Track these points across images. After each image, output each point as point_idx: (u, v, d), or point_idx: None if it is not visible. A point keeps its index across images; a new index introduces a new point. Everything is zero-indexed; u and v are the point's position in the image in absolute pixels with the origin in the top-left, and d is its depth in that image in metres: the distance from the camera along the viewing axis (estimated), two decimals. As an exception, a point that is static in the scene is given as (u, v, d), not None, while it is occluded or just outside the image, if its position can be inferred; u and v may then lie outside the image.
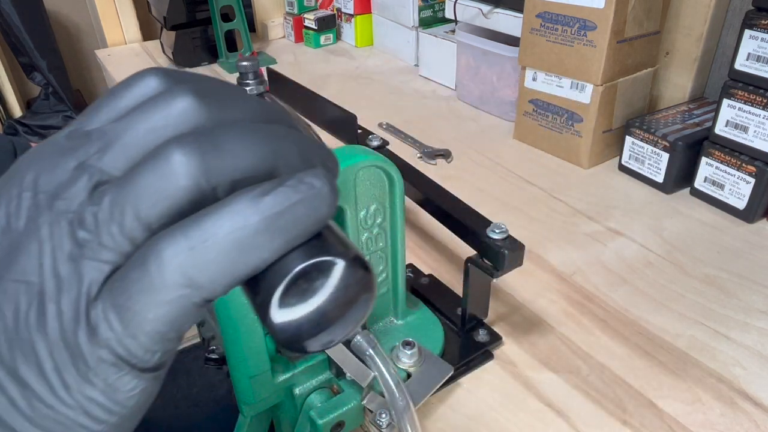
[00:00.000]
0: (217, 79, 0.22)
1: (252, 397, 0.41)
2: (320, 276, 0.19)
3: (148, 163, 0.17)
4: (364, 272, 0.19)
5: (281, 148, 0.19)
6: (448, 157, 0.79)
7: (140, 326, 0.17)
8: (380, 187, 0.40)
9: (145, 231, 0.17)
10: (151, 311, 0.17)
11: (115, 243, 0.17)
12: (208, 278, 0.17)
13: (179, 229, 0.17)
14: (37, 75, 1.97)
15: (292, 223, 0.18)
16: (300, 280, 0.18)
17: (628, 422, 0.42)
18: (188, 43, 1.16)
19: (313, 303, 0.19)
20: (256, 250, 0.17)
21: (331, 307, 0.19)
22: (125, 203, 0.17)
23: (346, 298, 0.19)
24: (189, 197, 0.17)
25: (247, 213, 0.17)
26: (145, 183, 0.17)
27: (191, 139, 0.18)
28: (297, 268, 0.18)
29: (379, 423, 0.38)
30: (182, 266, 0.17)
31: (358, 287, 0.19)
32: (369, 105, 0.98)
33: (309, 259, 0.18)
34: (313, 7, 1.32)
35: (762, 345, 0.48)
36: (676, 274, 0.56)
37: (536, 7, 0.74)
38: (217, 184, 0.18)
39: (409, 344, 0.42)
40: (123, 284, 0.17)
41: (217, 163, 0.18)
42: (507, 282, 0.55)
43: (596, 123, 0.73)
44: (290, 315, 0.18)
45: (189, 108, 0.19)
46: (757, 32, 0.58)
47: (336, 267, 0.19)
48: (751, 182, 0.62)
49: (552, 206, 0.68)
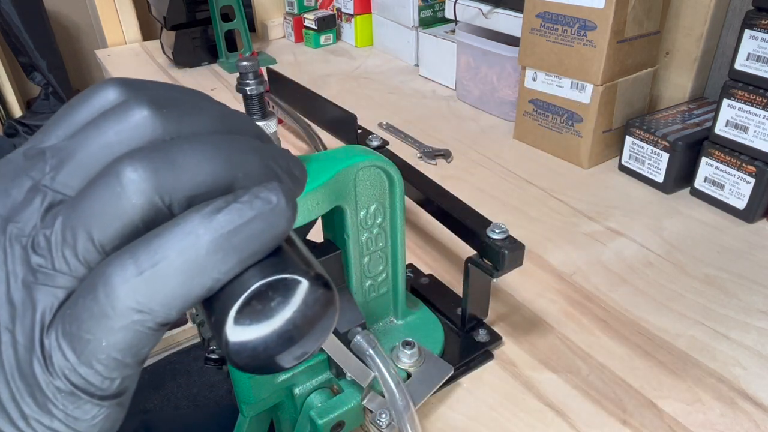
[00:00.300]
0: (180, 87, 0.21)
1: (252, 397, 0.41)
2: (277, 295, 0.18)
3: (99, 182, 0.17)
4: (324, 290, 0.19)
5: (241, 159, 0.18)
6: (448, 157, 0.79)
7: (94, 354, 0.16)
8: (380, 187, 0.40)
9: (99, 253, 0.17)
10: (104, 338, 0.16)
11: (69, 267, 0.17)
12: (160, 302, 0.16)
13: (128, 252, 0.16)
14: (37, 75, 1.97)
15: (246, 240, 0.17)
16: (254, 301, 0.17)
17: (628, 422, 0.42)
18: (188, 43, 1.16)
19: (268, 324, 0.18)
20: (210, 271, 0.17)
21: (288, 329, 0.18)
22: (77, 225, 0.17)
23: (304, 319, 0.18)
24: (143, 216, 0.17)
25: (198, 232, 0.16)
26: (96, 203, 0.17)
27: (143, 154, 0.17)
28: (252, 287, 0.17)
29: (379, 423, 0.38)
30: (132, 292, 0.16)
31: (318, 306, 0.18)
32: (369, 105, 0.98)
33: (265, 277, 0.17)
34: (313, 7, 1.32)
35: (762, 345, 0.48)
36: (676, 274, 0.56)
37: (536, 7, 0.74)
38: (172, 200, 0.17)
39: (409, 344, 0.42)
40: (74, 311, 0.16)
41: (170, 179, 0.17)
42: (507, 282, 0.55)
43: (596, 123, 0.73)
44: (244, 336, 0.17)
45: (144, 120, 0.18)
46: (757, 32, 0.58)
47: (294, 285, 0.18)
48: (751, 182, 0.62)
49: (552, 206, 0.68)
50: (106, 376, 0.17)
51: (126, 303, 0.16)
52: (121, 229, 0.17)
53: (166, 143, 0.18)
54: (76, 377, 0.17)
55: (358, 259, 0.42)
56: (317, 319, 0.19)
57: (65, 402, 0.17)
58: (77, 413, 0.17)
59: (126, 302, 0.16)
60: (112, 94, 0.19)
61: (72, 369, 0.17)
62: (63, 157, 0.18)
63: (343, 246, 0.41)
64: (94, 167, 0.18)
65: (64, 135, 0.19)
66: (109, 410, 0.18)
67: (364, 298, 0.44)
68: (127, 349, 0.17)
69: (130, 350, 0.17)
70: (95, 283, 0.16)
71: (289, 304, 0.18)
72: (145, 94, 0.19)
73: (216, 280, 0.17)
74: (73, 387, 0.17)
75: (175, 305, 0.17)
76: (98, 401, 0.17)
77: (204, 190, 0.18)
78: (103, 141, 0.18)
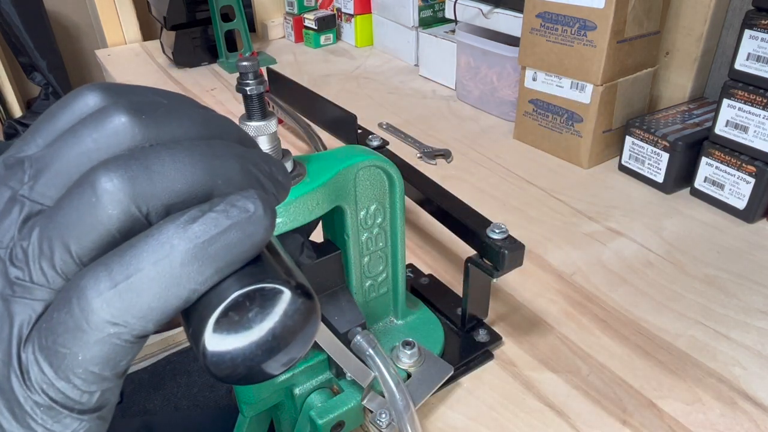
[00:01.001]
0: (164, 92, 0.20)
1: (252, 397, 0.41)
2: (255, 305, 0.17)
3: (75, 192, 0.17)
4: (305, 299, 0.18)
5: (221, 166, 0.18)
6: (448, 157, 0.79)
7: (71, 368, 0.16)
8: (380, 187, 0.40)
9: (77, 265, 0.17)
10: (80, 352, 0.16)
11: (47, 279, 0.17)
12: (136, 315, 0.16)
13: (102, 264, 0.16)
14: (37, 75, 1.97)
15: (222, 250, 0.17)
16: (232, 311, 0.17)
17: (628, 422, 0.42)
18: (188, 43, 1.16)
19: (247, 335, 0.17)
20: (185, 282, 0.16)
21: (267, 340, 0.18)
22: (53, 237, 0.16)
23: (284, 329, 0.18)
24: (119, 226, 0.17)
25: (173, 242, 0.16)
26: (72, 214, 0.16)
27: (119, 163, 0.17)
28: (230, 297, 0.17)
29: (379, 423, 0.38)
30: (107, 305, 0.16)
31: (298, 316, 0.18)
32: (369, 105, 0.98)
33: (243, 287, 0.17)
34: (313, 7, 1.32)
35: (762, 345, 0.48)
36: (676, 274, 0.56)
37: (536, 7, 0.74)
38: (150, 209, 0.17)
39: (409, 344, 0.42)
40: (50, 325, 0.16)
41: (147, 188, 0.17)
42: (507, 282, 0.55)
43: (596, 123, 0.73)
44: (221, 347, 0.17)
45: (123, 127, 0.18)
46: (757, 32, 0.58)
47: (274, 295, 0.17)
48: (751, 182, 0.62)
49: (552, 206, 0.68)
50: (84, 389, 0.17)
51: (101, 316, 0.16)
52: (97, 239, 0.17)
53: (144, 150, 0.17)
54: (54, 392, 0.16)
55: (358, 259, 0.42)
56: (298, 329, 0.18)
57: (44, 416, 0.17)
58: (57, 428, 0.17)
59: (101, 315, 0.16)
60: (92, 100, 0.19)
61: (49, 383, 0.16)
62: (41, 166, 0.18)
63: (343, 246, 0.41)
64: (72, 176, 0.17)
65: (44, 143, 0.18)
66: (90, 424, 0.17)
67: (364, 298, 0.44)
68: (104, 362, 0.16)
69: (107, 363, 0.17)
70: (70, 297, 0.16)
71: (268, 315, 0.17)
72: (124, 100, 0.19)
73: (192, 290, 0.17)
74: (51, 401, 0.16)
75: (151, 317, 0.16)
76: (78, 415, 0.17)
77: (182, 198, 0.17)
78: (80, 149, 0.18)
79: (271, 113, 0.33)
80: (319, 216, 0.37)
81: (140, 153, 0.17)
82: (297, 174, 0.35)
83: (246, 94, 0.32)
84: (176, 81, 1.12)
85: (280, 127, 0.83)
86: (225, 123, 0.21)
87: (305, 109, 0.78)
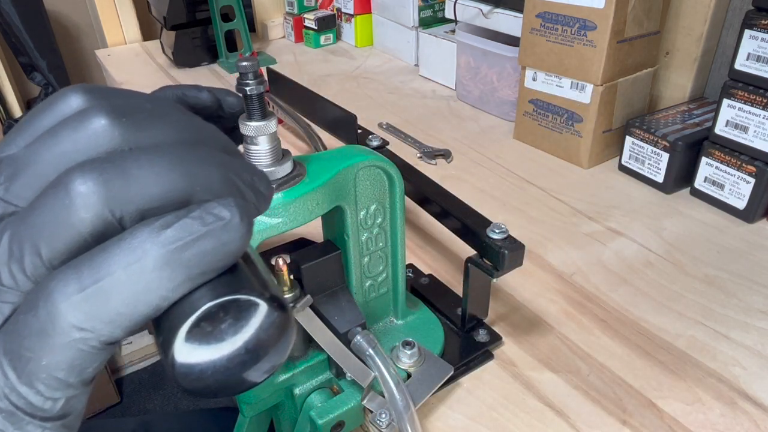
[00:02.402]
0: (148, 95, 0.20)
1: (252, 397, 0.41)
2: (228, 317, 0.17)
3: (48, 194, 0.16)
4: (279, 313, 0.18)
5: (201, 172, 0.18)
6: (448, 157, 0.79)
7: (34, 373, 0.16)
8: (380, 187, 0.40)
9: (47, 268, 0.16)
10: (45, 357, 0.16)
11: (16, 282, 0.16)
12: (104, 320, 0.16)
13: (72, 267, 0.16)
14: (37, 75, 1.97)
15: (196, 258, 0.16)
16: (204, 322, 0.16)
17: (628, 422, 0.42)
18: (188, 43, 1.16)
19: (218, 348, 0.17)
20: (156, 288, 0.16)
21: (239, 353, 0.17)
22: (24, 239, 0.16)
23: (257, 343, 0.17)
24: (92, 230, 0.16)
25: (145, 247, 0.16)
26: (44, 216, 0.16)
27: (95, 165, 0.16)
28: (202, 308, 0.16)
29: (379, 423, 0.38)
30: (74, 308, 0.15)
31: (272, 330, 0.17)
32: (369, 105, 0.98)
33: (217, 297, 0.17)
34: (313, 7, 1.32)
35: (762, 345, 0.48)
36: (676, 274, 0.56)
37: (536, 7, 0.74)
38: (124, 214, 0.16)
39: (409, 344, 0.42)
40: (15, 328, 0.16)
41: (122, 192, 0.16)
42: (507, 282, 0.55)
43: (596, 123, 0.73)
44: (191, 359, 0.16)
45: (102, 129, 0.17)
46: (757, 32, 0.58)
47: (247, 307, 0.17)
48: (751, 182, 0.62)
49: (552, 206, 0.68)
50: (48, 396, 0.16)
51: (67, 320, 0.15)
52: (69, 243, 0.16)
53: (123, 154, 0.17)
54: (16, 397, 0.16)
55: (358, 259, 0.42)
56: (272, 343, 0.17)
57: (6, 423, 0.16)
58: None
59: (67, 319, 0.15)
60: (74, 102, 0.19)
61: (12, 388, 0.16)
62: (18, 167, 0.17)
63: (343, 246, 0.41)
64: (49, 177, 0.17)
65: (24, 143, 0.18)
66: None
67: (364, 298, 0.44)
68: (69, 368, 0.16)
69: (72, 370, 0.16)
70: (37, 299, 0.16)
71: (242, 327, 0.17)
72: (106, 102, 0.18)
73: (163, 298, 0.16)
74: (13, 407, 0.16)
75: (120, 323, 0.16)
76: (40, 422, 0.17)
77: (158, 204, 0.17)
78: (58, 150, 0.17)
79: (271, 113, 0.33)
80: (319, 216, 0.37)
81: (118, 156, 0.17)
82: (297, 174, 0.35)
83: (246, 94, 0.32)
84: (176, 81, 1.12)
85: (280, 127, 0.83)
86: (209, 130, 0.20)
87: (305, 109, 0.78)
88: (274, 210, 0.34)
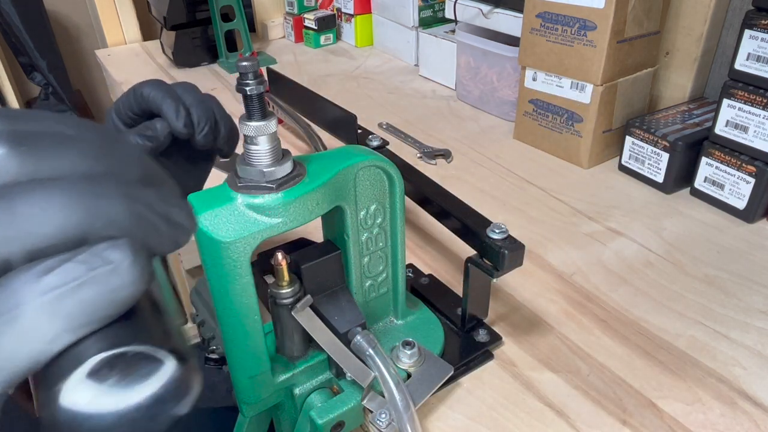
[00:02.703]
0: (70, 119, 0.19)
1: (252, 397, 0.41)
2: (115, 373, 0.15)
3: None
4: (177, 366, 0.16)
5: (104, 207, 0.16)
6: (448, 157, 0.79)
7: None
8: (380, 187, 0.40)
9: None
10: None
11: None
12: None
13: None
14: (37, 75, 1.97)
15: (78, 306, 0.15)
16: (90, 378, 0.15)
17: (628, 422, 0.42)
18: (188, 43, 1.16)
19: (104, 406, 0.15)
20: (33, 340, 0.15)
21: (128, 412, 0.15)
22: None
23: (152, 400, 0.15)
24: None
25: (20, 295, 0.14)
26: None
27: None
28: (86, 362, 0.15)
29: (379, 423, 0.38)
30: None
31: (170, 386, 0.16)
32: (369, 105, 0.98)
33: (103, 350, 0.15)
34: (313, 7, 1.32)
35: (762, 345, 0.48)
36: (676, 274, 0.56)
37: (536, 7, 0.74)
38: (9, 255, 0.15)
39: (409, 344, 0.42)
40: None
41: (7, 230, 0.15)
42: (507, 282, 0.55)
43: (596, 123, 0.73)
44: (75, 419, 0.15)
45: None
46: (757, 32, 0.58)
47: (138, 362, 0.15)
48: (751, 182, 0.62)
49: (552, 206, 0.68)
50: None
51: None
52: None
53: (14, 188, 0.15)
54: None
55: (358, 259, 0.42)
56: (167, 400, 0.16)
57: None
58: None
59: None
60: None
61: None
62: None
63: (343, 246, 0.41)
64: None
65: None
66: None
67: (364, 298, 0.44)
68: None
69: None
70: None
71: (132, 384, 0.15)
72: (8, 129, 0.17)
73: (43, 351, 0.15)
74: None
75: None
76: None
77: (50, 243, 0.15)
78: None
79: (271, 113, 0.33)
80: (319, 216, 0.37)
81: (7, 190, 0.15)
82: (297, 174, 0.35)
83: (246, 94, 0.32)
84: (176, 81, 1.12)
85: (280, 127, 0.83)
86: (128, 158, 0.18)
87: (305, 109, 0.78)
88: (274, 210, 0.34)
